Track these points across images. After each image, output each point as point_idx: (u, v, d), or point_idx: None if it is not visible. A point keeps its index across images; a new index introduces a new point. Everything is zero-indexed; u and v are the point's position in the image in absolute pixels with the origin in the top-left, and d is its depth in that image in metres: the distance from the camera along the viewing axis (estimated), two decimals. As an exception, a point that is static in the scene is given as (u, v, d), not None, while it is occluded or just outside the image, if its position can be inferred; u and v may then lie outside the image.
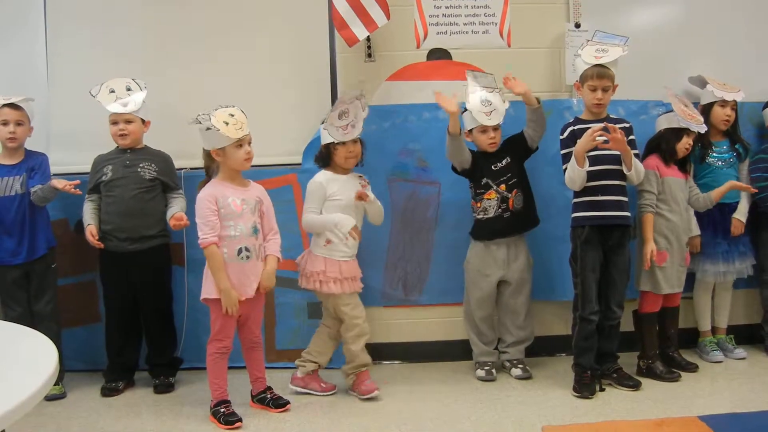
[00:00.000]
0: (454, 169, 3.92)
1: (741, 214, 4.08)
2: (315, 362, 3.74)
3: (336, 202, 3.65)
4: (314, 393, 3.71)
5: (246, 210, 3.39)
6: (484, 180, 3.88)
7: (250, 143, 3.39)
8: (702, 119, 3.83)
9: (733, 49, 4.36)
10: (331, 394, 3.71)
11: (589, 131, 3.46)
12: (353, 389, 3.70)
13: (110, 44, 4.22)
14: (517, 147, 3.91)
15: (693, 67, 4.27)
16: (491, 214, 3.88)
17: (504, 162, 3.89)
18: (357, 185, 3.69)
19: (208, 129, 3.29)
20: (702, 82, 4.18)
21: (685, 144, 3.82)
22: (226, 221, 3.35)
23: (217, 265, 3.30)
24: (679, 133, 3.82)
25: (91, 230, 3.74)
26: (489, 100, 3.84)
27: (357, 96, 3.70)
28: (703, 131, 3.80)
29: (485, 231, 3.92)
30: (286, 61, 4.29)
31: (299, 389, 3.73)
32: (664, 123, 3.88)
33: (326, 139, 3.70)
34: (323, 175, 3.71)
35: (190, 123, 3.34)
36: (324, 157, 3.74)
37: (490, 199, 3.87)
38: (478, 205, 3.91)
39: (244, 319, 3.47)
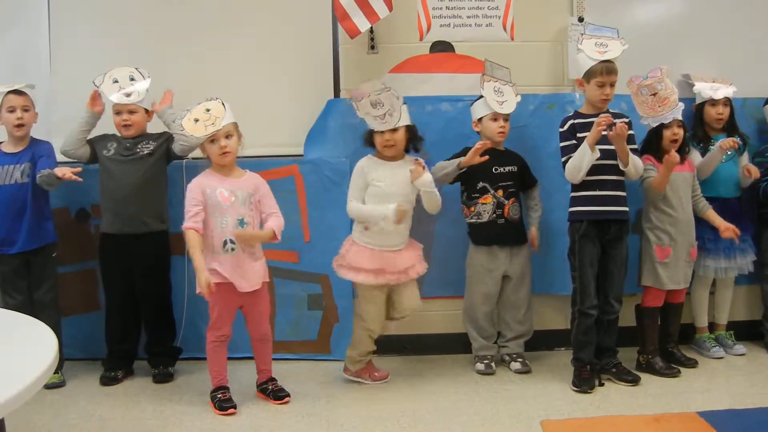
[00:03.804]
0: None
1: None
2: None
3: (376, 189, 3.60)
4: (363, 382, 3.78)
5: (234, 202, 3.38)
6: (481, 184, 3.87)
7: (229, 136, 3.38)
8: (676, 97, 3.74)
9: (735, 44, 4.35)
10: (383, 382, 3.77)
11: (597, 120, 3.43)
12: (359, 375, 3.79)
13: (113, 33, 4.21)
14: (525, 174, 3.95)
15: (695, 61, 4.26)
16: (485, 218, 3.88)
17: (508, 169, 3.89)
18: (406, 171, 3.59)
19: (180, 128, 3.39)
20: (688, 82, 4.17)
21: (669, 137, 3.79)
22: (212, 212, 3.36)
23: (191, 245, 3.29)
24: (658, 129, 3.81)
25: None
26: (502, 90, 3.85)
27: (384, 88, 3.59)
28: (678, 115, 3.76)
29: (482, 236, 3.92)
30: (288, 52, 4.28)
31: (350, 378, 3.81)
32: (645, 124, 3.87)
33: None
34: (366, 160, 3.67)
35: (174, 121, 3.47)
36: (368, 141, 3.70)
37: (485, 204, 3.87)
38: (472, 209, 3.90)
39: (247, 311, 3.48)
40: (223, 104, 3.40)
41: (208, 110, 3.37)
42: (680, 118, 3.78)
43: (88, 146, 3.83)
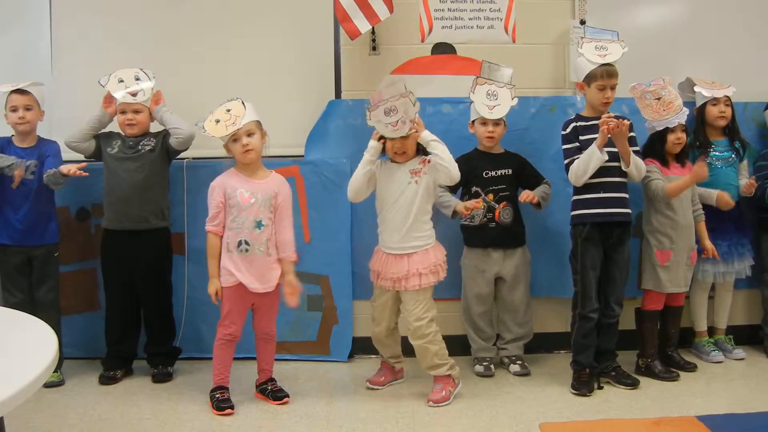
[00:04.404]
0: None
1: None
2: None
3: (378, 189, 3.57)
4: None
5: (254, 203, 3.39)
6: (474, 189, 3.88)
7: (251, 134, 3.39)
8: (680, 102, 3.77)
9: (736, 49, 4.35)
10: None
11: (602, 121, 3.43)
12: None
13: (115, 32, 4.21)
14: (524, 173, 3.92)
15: (696, 65, 4.26)
16: (476, 222, 3.88)
17: (500, 172, 3.89)
18: (405, 173, 3.49)
19: (203, 130, 3.41)
20: (690, 85, 4.17)
21: (673, 141, 3.80)
22: (230, 211, 3.38)
23: (210, 252, 3.39)
24: (662, 134, 3.81)
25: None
26: (496, 93, 3.84)
27: (403, 93, 3.42)
28: (683, 120, 3.77)
29: (474, 239, 3.93)
30: (289, 53, 4.28)
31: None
32: (649, 129, 3.88)
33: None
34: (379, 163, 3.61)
35: (196, 124, 3.48)
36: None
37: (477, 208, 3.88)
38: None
39: (256, 308, 3.50)
40: (243, 103, 3.42)
41: (228, 110, 3.40)
42: (684, 122, 3.78)
43: (94, 141, 3.85)
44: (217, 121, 3.38)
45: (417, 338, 3.50)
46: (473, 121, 3.91)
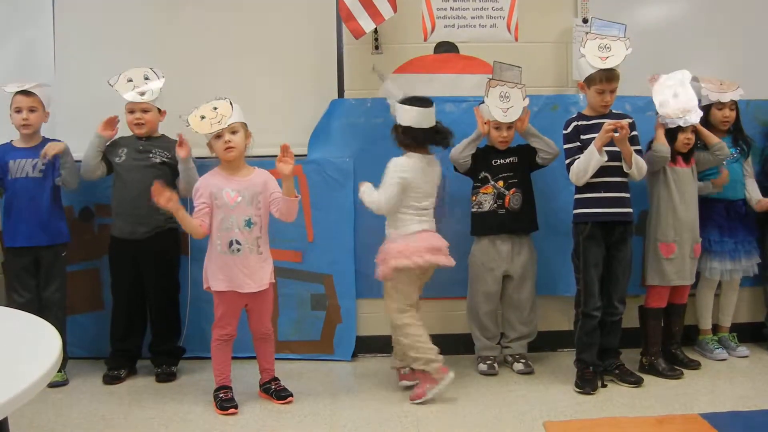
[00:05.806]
0: (455, 169, 3.94)
1: (757, 193, 4.08)
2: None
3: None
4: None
5: (241, 202, 3.38)
6: (483, 174, 3.89)
7: (234, 132, 3.38)
8: (696, 103, 3.79)
9: (740, 46, 4.34)
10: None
11: (605, 127, 3.44)
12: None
13: (117, 33, 4.20)
14: (528, 154, 3.91)
15: (700, 62, 4.24)
16: (485, 208, 3.89)
17: (508, 160, 3.90)
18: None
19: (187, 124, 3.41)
20: (696, 85, 4.16)
21: (683, 140, 3.80)
22: (218, 212, 3.37)
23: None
24: (673, 132, 3.81)
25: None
26: (509, 95, 3.83)
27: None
28: (696, 121, 3.78)
29: (480, 226, 3.94)
30: (293, 52, 4.28)
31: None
32: (659, 121, 3.87)
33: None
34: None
35: (180, 116, 3.47)
36: (413, 138, 3.62)
37: (486, 194, 3.88)
38: (474, 198, 3.93)
39: (250, 309, 3.49)
40: (231, 103, 3.41)
41: (215, 108, 3.39)
42: (696, 123, 3.79)
43: (103, 163, 3.85)
44: (202, 117, 3.37)
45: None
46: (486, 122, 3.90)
